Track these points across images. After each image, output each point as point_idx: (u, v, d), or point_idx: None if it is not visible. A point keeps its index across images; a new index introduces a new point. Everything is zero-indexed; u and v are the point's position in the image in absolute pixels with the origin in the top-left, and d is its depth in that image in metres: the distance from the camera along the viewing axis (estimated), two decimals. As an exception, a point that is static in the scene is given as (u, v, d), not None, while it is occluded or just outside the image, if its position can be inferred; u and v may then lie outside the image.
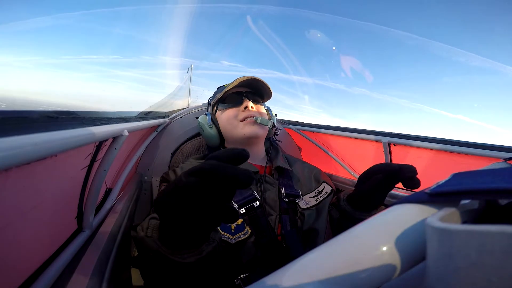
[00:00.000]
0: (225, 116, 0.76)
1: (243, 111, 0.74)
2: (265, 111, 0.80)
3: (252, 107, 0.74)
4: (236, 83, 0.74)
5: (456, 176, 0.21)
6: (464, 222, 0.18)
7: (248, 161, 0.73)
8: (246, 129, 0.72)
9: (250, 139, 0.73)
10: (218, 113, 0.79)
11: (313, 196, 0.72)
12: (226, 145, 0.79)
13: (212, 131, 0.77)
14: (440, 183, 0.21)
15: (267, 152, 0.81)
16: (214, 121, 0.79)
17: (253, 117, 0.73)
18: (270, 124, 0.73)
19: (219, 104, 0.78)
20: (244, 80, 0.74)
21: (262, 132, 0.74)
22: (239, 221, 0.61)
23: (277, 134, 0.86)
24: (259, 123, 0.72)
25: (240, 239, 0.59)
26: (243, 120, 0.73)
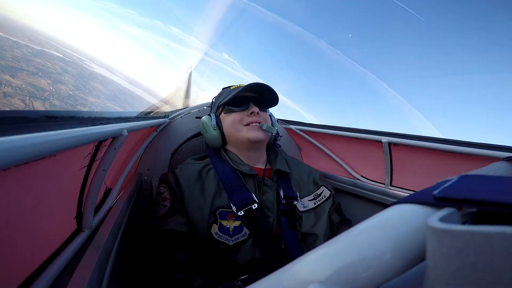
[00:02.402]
0: (230, 119, 0.75)
1: (248, 116, 0.74)
2: (269, 117, 0.80)
3: (258, 113, 0.74)
4: (244, 87, 0.74)
5: (464, 180, 0.20)
6: (464, 222, 0.18)
7: (249, 164, 0.74)
8: (250, 134, 0.72)
9: (253, 144, 0.73)
10: (222, 115, 0.78)
11: (312, 199, 0.73)
12: (227, 147, 0.79)
13: (216, 132, 0.77)
14: (447, 185, 0.20)
15: (267, 155, 0.81)
16: (218, 123, 0.78)
17: (259, 123, 0.73)
18: (274, 132, 0.73)
19: (225, 106, 0.78)
20: (252, 85, 0.74)
21: (265, 138, 0.74)
22: (237, 223, 0.61)
23: (277, 140, 0.86)
24: (265, 130, 0.72)
25: (238, 240, 0.59)
26: (247, 125, 0.73)
